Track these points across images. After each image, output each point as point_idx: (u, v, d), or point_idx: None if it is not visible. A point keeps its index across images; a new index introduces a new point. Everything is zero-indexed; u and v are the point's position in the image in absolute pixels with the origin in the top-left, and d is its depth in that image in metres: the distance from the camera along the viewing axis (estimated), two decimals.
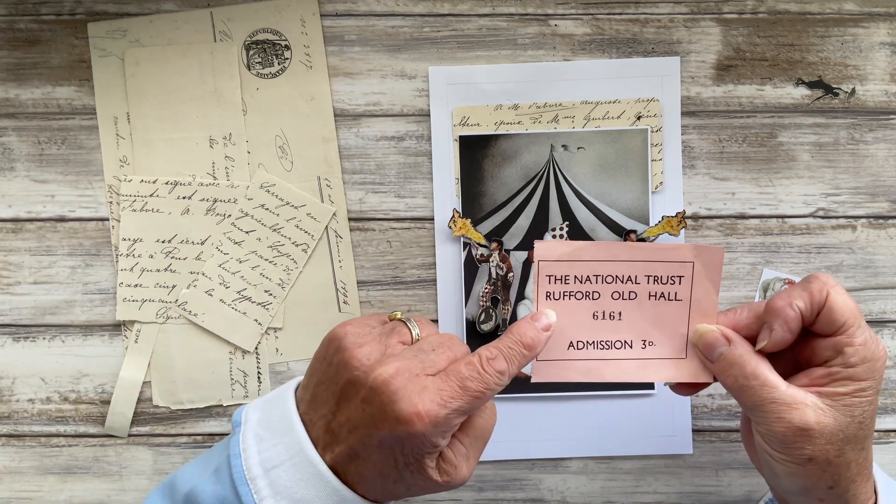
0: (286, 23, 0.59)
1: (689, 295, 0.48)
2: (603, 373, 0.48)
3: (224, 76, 0.59)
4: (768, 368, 0.45)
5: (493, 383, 0.44)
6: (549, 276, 0.48)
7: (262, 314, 0.60)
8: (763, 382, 0.45)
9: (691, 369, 0.49)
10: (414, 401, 0.42)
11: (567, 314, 0.48)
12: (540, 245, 0.47)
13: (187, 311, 0.60)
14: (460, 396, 0.43)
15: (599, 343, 0.48)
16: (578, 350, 0.48)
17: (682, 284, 0.48)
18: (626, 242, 0.58)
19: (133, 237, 0.60)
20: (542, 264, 0.48)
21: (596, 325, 0.48)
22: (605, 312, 0.48)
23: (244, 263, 0.60)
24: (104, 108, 0.60)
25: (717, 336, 0.47)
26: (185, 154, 0.60)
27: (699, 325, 0.48)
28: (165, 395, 0.60)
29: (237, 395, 0.60)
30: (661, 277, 0.48)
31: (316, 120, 0.59)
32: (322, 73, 0.59)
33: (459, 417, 0.43)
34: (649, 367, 0.49)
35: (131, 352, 0.60)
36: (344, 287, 0.60)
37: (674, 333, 0.48)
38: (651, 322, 0.48)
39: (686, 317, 0.48)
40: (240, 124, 0.59)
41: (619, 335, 0.49)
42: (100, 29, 0.59)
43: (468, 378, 0.43)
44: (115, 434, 0.60)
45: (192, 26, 0.59)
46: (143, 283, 0.60)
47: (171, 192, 0.60)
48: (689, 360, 0.49)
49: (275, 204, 0.60)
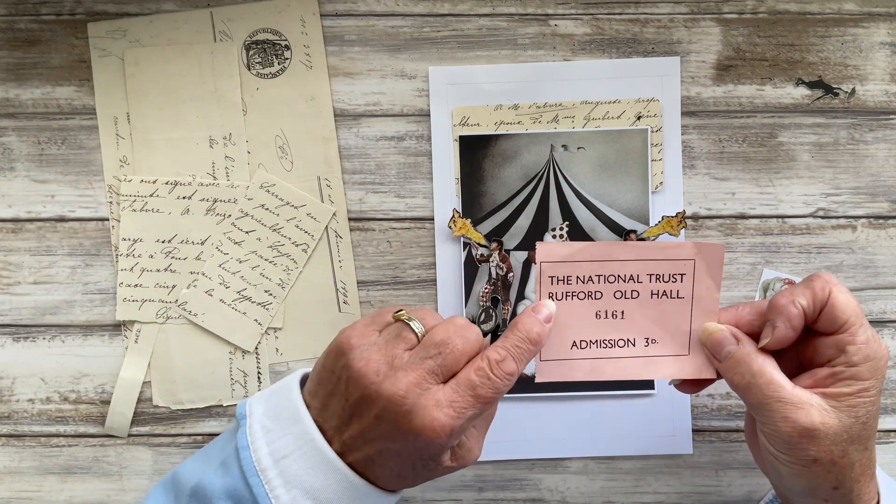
0: (286, 23, 0.59)
1: (691, 292, 0.48)
2: (607, 371, 0.49)
3: (224, 76, 0.59)
4: (774, 367, 0.45)
5: (504, 386, 0.44)
6: (551, 277, 0.48)
7: (262, 314, 0.60)
8: (769, 381, 0.45)
9: (695, 365, 0.49)
10: (429, 416, 0.42)
11: (570, 314, 0.48)
12: (541, 247, 0.47)
13: (187, 311, 0.60)
14: (472, 405, 0.43)
15: (603, 342, 0.49)
16: (582, 349, 0.49)
17: (683, 282, 0.48)
18: (626, 242, 0.58)
19: (133, 237, 0.60)
20: (544, 265, 0.48)
21: (599, 325, 0.49)
22: (607, 311, 0.49)
23: (244, 263, 0.60)
24: (104, 108, 0.60)
25: (726, 335, 0.47)
26: (185, 154, 0.60)
27: (708, 323, 0.48)
28: (165, 395, 0.60)
29: (237, 395, 0.60)
30: (662, 276, 0.48)
31: (316, 120, 0.59)
32: (322, 73, 0.59)
33: (473, 420, 0.44)
34: (653, 365, 0.49)
35: (131, 352, 0.60)
36: (344, 287, 0.60)
37: (676, 331, 0.49)
38: (653, 320, 0.49)
39: (688, 314, 0.49)
40: (240, 124, 0.59)
41: (622, 334, 0.49)
42: (100, 29, 0.59)
43: (479, 385, 0.43)
44: (115, 434, 0.60)
45: (192, 26, 0.59)
46: (143, 283, 0.60)
47: (171, 192, 0.60)
48: (693, 357, 0.49)
49: (275, 204, 0.60)
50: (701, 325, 0.49)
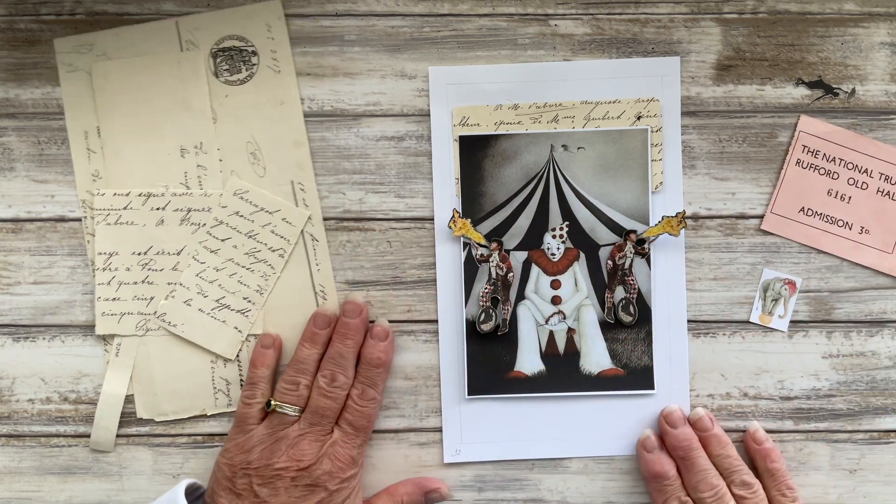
0: (252, 28, 0.59)
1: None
2: (822, 242, 0.58)
3: (192, 85, 0.59)
4: None
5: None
6: (804, 147, 0.56)
7: (242, 321, 0.60)
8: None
9: (893, 264, 0.58)
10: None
11: (807, 183, 0.58)
12: (806, 119, 0.58)
13: (166, 323, 0.60)
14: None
15: (826, 216, 0.58)
16: (808, 216, 0.58)
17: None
18: (875, 140, 0.60)
19: (109, 251, 0.59)
20: (803, 135, 0.58)
21: (827, 201, 0.58)
22: (837, 192, 0.58)
23: (221, 271, 0.59)
24: (74, 123, 0.59)
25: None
26: (156, 165, 0.59)
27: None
28: (149, 407, 0.60)
29: (220, 404, 0.60)
30: (891, 178, 0.57)
31: (286, 124, 0.59)
32: (290, 77, 0.59)
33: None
34: (860, 251, 0.58)
35: (113, 366, 0.60)
36: (323, 290, 0.60)
37: (888, 229, 0.58)
38: (872, 213, 0.58)
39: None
40: (210, 132, 0.59)
41: (843, 215, 0.58)
42: (66, 44, 0.59)
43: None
44: (101, 449, 0.60)
45: (159, 37, 0.59)
46: (122, 297, 0.59)
47: (145, 203, 0.59)
48: (894, 256, 0.58)
49: (249, 210, 0.60)
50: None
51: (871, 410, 0.60)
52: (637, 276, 0.59)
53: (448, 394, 0.60)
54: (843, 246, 0.59)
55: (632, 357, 0.59)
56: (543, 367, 0.59)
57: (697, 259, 0.60)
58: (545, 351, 0.59)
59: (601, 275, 0.59)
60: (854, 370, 0.60)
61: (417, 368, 0.60)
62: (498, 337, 0.59)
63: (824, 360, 0.60)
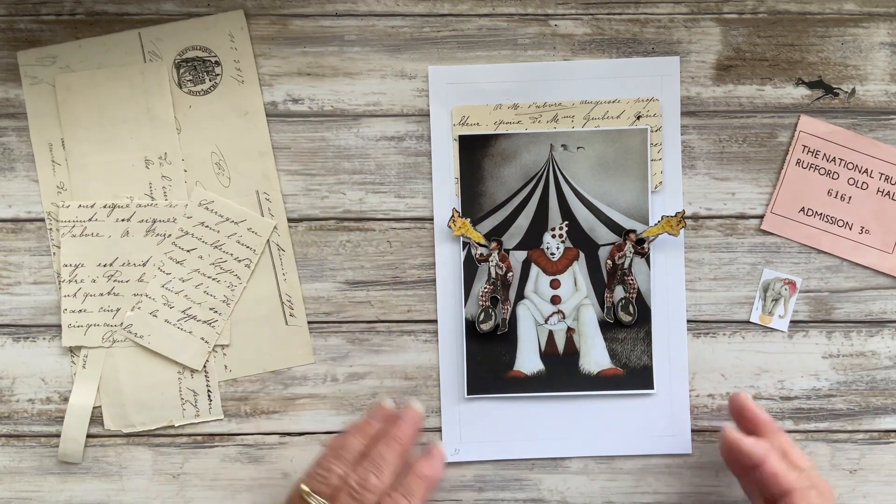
0: (215, 39, 0.59)
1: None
2: (822, 242, 0.58)
3: (156, 96, 0.59)
4: None
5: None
6: (804, 147, 0.55)
7: (209, 332, 0.60)
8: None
9: (893, 264, 0.58)
10: None
11: (807, 183, 0.58)
12: (806, 119, 0.58)
13: (133, 334, 0.59)
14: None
15: (826, 216, 0.58)
16: (808, 216, 0.58)
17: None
18: (875, 140, 0.60)
19: (74, 262, 0.59)
20: (803, 135, 0.57)
21: (827, 201, 0.58)
22: (837, 192, 0.58)
23: (187, 282, 0.59)
24: (38, 135, 0.59)
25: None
26: (121, 176, 0.59)
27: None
28: (116, 418, 0.60)
29: (188, 415, 0.60)
30: (891, 178, 0.56)
31: (251, 134, 0.59)
32: (254, 87, 0.59)
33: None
34: (860, 251, 0.58)
35: (80, 378, 0.60)
36: (290, 300, 0.60)
37: (888, 229, 0.58)
38: (872, 213, 0.58)
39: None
40: (174, 143, 0.59)
41: (843, 215, 0.58)
42: (30, 57, 0.59)
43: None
44: (69, 461, 0.60)
45: (122, 48, 0.59)
46: (88, 308, 0.59)
47: (110, 215, 0.59)
48: (894, 256, 0.58)
49: (214, 221, 0.59)
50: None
51: (871, 410, 0.60)
52: (636, 276, 0.59)
53: (448, 393, 0.60)
54: (843, 246, 0.59)
55: (631, 357, 0.59)
56: (543, 366, 0.59)
57: (697, 259, 0.60)
58: (544, 350, 0.59)
59: (600, 274, 0.59)
60: (854, 370, 0.60)
61: (417, 368, 0.60)
62: (497, 336, 0.59)
63: (824, 360, 0.60)
